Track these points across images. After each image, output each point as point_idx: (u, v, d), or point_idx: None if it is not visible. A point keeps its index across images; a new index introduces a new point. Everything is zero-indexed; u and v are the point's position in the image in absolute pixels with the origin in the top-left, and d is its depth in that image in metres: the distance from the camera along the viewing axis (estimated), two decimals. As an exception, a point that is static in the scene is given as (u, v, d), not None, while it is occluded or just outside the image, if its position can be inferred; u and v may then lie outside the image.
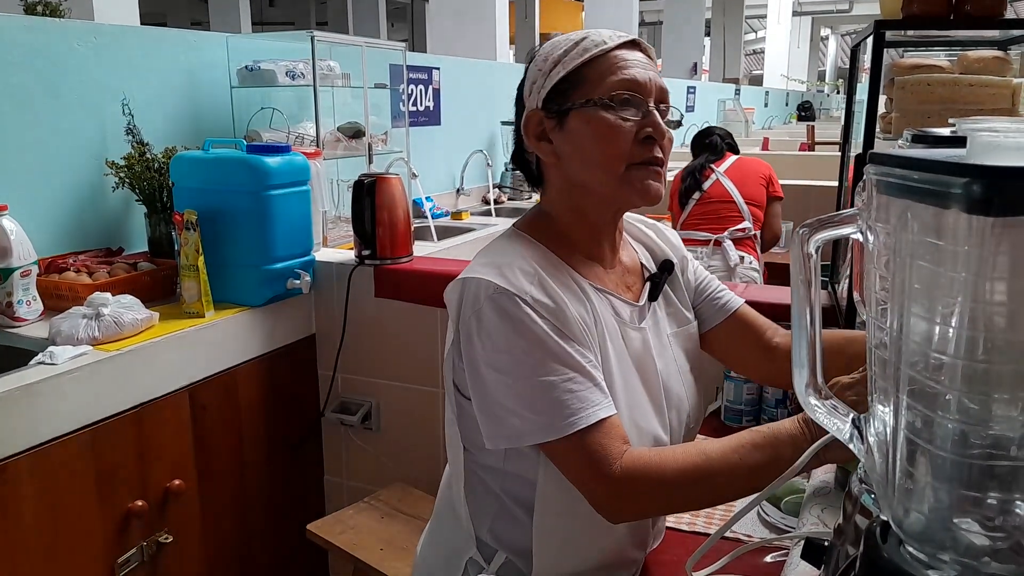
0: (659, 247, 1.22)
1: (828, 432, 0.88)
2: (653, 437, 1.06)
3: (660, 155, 1.04)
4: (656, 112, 1.03)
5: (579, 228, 1.10)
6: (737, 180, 3.42)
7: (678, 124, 1.09)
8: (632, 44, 1.06)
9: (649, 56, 1.07)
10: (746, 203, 3.37)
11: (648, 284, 1.15)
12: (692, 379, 1.17)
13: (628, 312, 1.10)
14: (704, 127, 3.86)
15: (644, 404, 1.06)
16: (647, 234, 1.23)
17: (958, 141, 0.58)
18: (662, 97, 1.05)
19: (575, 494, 0.99)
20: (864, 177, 0.57)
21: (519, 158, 1.15)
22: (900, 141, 0.74)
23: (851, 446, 0.59)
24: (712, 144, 3.56)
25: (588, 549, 1.10)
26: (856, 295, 1.41)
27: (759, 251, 3.44)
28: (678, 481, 0.94)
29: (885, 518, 0.57)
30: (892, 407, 0.54)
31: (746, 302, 1.26)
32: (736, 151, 3.62)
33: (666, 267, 1.18)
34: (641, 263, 1.19)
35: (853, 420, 0.59)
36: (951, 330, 0.49)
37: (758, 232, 3.41)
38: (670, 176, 3.47)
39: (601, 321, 1.04)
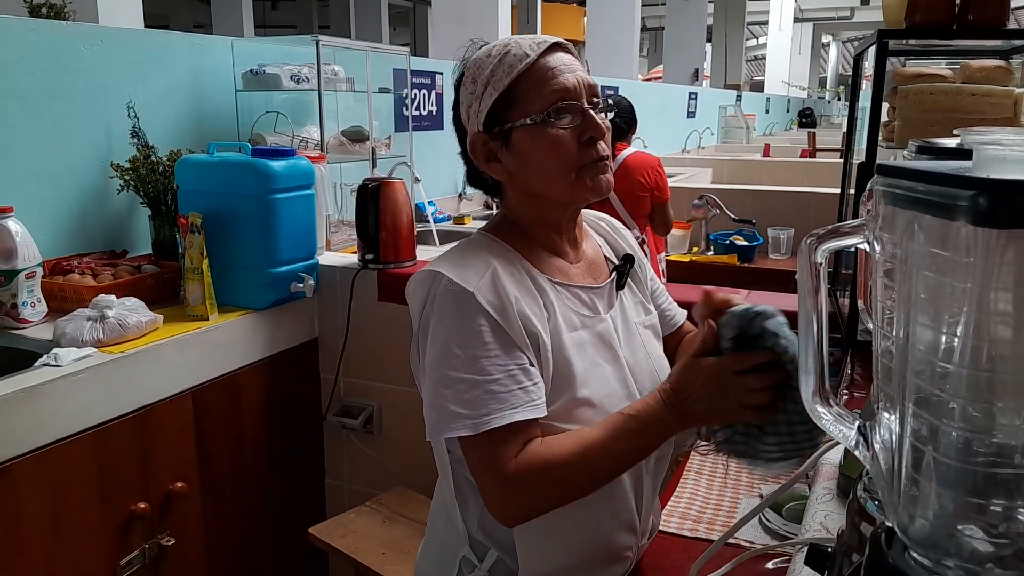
0: (617, 242, 1.28)
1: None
2: None
3: (604, 152, 1.09)
4: (591, 112, 1.07)
5: (540, 228, 1.14)
6: (621, 190, 3.24)
7: (609, 108, 1.12)
8: (553, 47, 1.08)
9: (572, 54, 1.10)
10: (631, 215, 3.26)
11: (614, 273, 1.20)
12: (665, 364, 1.21)
13: (592, 300, 1.14)
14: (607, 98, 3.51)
15: (613, 390, 1.09)
16: (605, 228, 1.28)
17: (963, 153, 0.59)
18: (593, 92, 1.08)
19: None
20: (870, 187, 0.57)
21: (474, 178, 1.18)
22: (905, 152, 0.75)
23: (856, 453, 0.60)
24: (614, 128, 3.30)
25: (572, 541, 1.11)
26: (860, 303, 1.42)
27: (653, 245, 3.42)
28: (563, 475, 0.99)
29: (890, 524, 0.57)
30: (898, 415, 0.54)
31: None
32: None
33: (629, 259, 1.23)
34: (604, 256, 1.23)
35: (859, 427, 0.60)
36: (956, 339, 0.50)
37: (644, 235, 3.35)
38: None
39: (556, 315, 1.08)
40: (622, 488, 1.12)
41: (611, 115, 1.12)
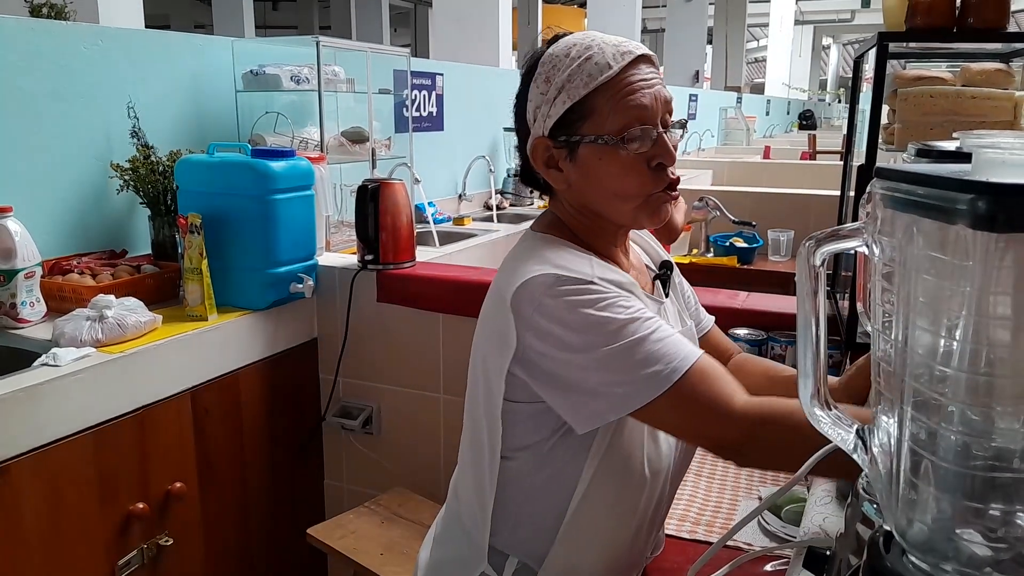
0: (652, 249, 1.25)
1: None
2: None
3: (673, 176, 1.04)
4: (664, 135, 1.02)
5: (593, 236, 1.10)
6: None
7: (684, 125, 1.07)
8: (637, 60, 1.01)
9: (654, 64, 1.04)
10: None
11: (658, 282, 1.17)
12: None
13: (655, 309, 1.09)
14: None
15: None
16: (640, 236, 1.26)
17: (963, 156, 0.59)
18: (667, 109, 1.03)
19: (619, 493, 1.02)
20: (869, 190, 0.57)
21: (528, 176, 1.13)
22: (904, 155, 0.75)
23: (855, 456, 0.60)
24: None
25: (604, 551, 1.10)
26: (859, 306, 1.42)
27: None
28: (807, 426, 0.90)
29: (888, 528, 0.57)
30: (896, 418, 0.54)
31: (746, 309, 1.27)
32: None
33: (668, 266, 1.20)
34: (645, 264, 1.20)
35: (857, 431, 0.60)
36: (955, 343, 0.50)
37: None
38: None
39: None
40: (656, 497, 1.11)
41: (682, 132, 1.06)
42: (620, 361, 0.94)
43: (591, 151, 1.01)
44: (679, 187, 1.07)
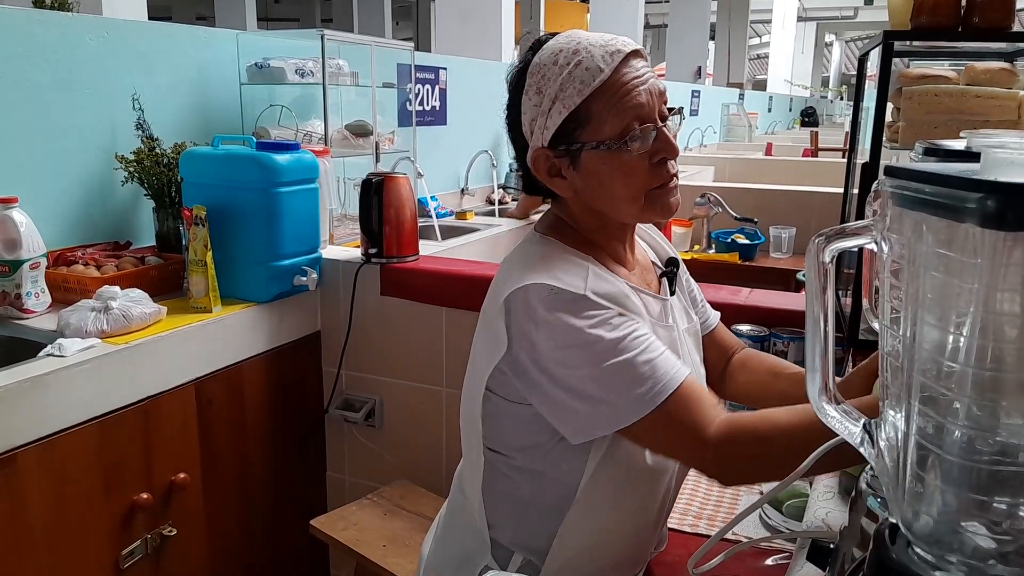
0: (660, 246, 1.25)
1: None
2: None
3: (674, 170, 1.04)
4: (664, 129, 1.01)
5: (600, 235, 1.09)
6: None
7: (680, 112, 1.06)
8: (627, 56, 1.00)
9: (643, 58, 1.03)
10: None
11: (664, 280, 1.16)
12: (702, 373, 1.19)
13: (658, 308, 1.10)
14: None
15: None
16: (648, 233, 1.25)
17: (969, 156, 0.60)
18: (663, 100, 1.03)
19: (622, 492, 1.01)
20: (877, 188, 0.58)
21: (531, 186, 1.11)
22: (912, 154, 0.76)
23: (862, 450, 0.61)
24: None
25: (607, 548, 1.11)
26: (864, 303, 1.42)
27: None
28: (775, 436, 0.93)
29: (894, 520, 0.58)
30: (904, 413, 0.55)
31: (749, 306, 1.28)
32: None
33: (674, 263, 1.20)
34: (652, 261, 1.20)
35: (864, 425, 0.61)
36: (963, 339, 0.51)
37: None
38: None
39: (644, 314, 1.05)
40: (660, 496, 1.12)
41: (680, 120, 1.05)
42: (607, 381, 0.95)
43: (594, 157, 1.01)
44: (681, 183, 1.07)
